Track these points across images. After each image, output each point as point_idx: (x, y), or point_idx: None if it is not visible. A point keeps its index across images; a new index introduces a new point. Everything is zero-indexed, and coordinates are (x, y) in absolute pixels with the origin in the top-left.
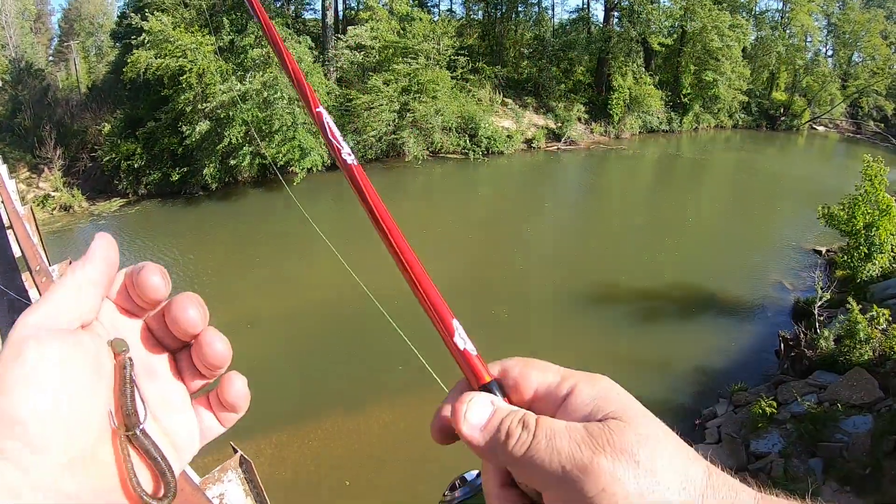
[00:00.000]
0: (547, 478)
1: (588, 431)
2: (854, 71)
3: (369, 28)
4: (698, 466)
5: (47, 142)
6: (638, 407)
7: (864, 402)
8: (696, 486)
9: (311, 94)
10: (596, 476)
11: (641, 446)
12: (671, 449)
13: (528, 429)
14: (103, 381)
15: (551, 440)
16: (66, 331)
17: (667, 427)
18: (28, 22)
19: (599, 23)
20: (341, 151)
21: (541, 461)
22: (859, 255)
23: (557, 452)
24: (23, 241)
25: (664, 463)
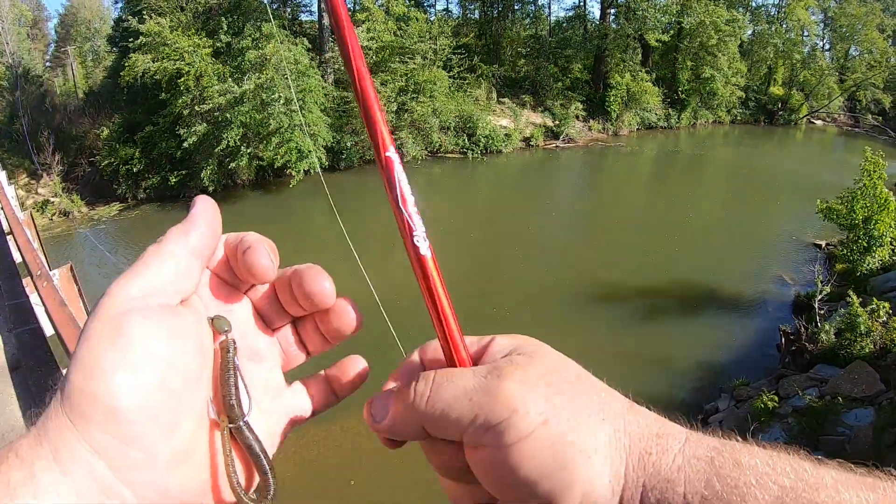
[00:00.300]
0: (456, 419)
1: (493, 366)
2: (851, 64)
3: (366, 29)
4: (616, 397)
5: (45, 147)
6: (551, 350)
7: (865, 396)
8: (615, 409)
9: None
10: (505, 398)
11: (551, 373)
12: (584, 378)
13: (427, 379)
14: (208, 365)
15: (450, 381)
16: (171, 306)
17: (584, 369)
18: (24, 28)
19: (596, 20)
20: (413, 233)
21: (445, 402)
22: (859, 248)
23: (462, 387)
24: (23, 247)
25: (577, 386)
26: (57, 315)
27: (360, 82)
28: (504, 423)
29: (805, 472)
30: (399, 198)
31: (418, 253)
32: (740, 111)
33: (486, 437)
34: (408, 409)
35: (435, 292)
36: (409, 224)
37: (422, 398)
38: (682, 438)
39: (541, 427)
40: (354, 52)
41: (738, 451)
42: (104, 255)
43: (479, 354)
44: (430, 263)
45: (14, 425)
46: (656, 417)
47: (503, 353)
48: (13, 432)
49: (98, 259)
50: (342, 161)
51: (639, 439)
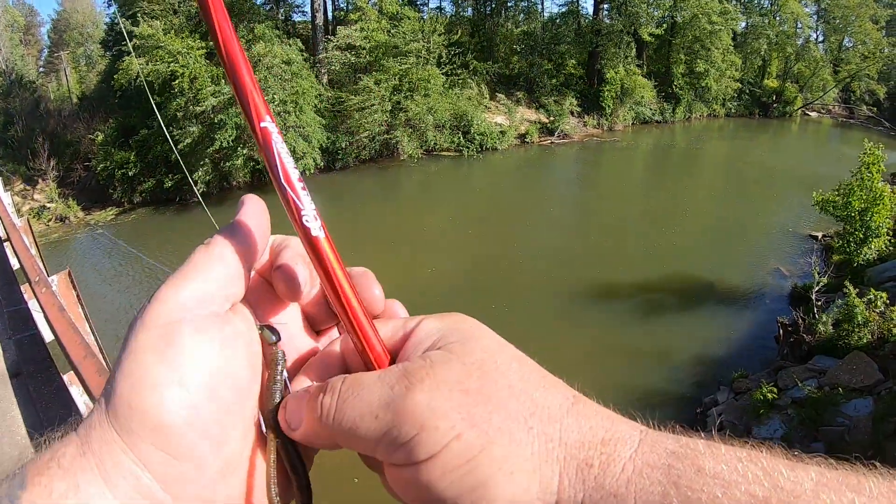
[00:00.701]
0: (365, 436)
1: (403, 370)
2: (845, 56)
3: (359, 28)
4: (558, 392)
5: (41, 153)
6: (483, 337)
7: (863, 386)
8: (551, 412)
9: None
10: (411, 414)
11: (469, 375)
12: (515, 374)
13: (334, 390)
14: (258, 376)
15: (357, 395)
16: (221, 314)
17: (522, 355)
18: (17, 34)
19: (589, 15)
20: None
21: (352, 420)
22: (855, 239)
23: (367, 403)
24: (21, 253)
25: (502, 388)
26: (57, 321)
27: (224, 44)
28: (412, 440)
29: (781, 477)
30: (281, 174)
31: (309, 235)
32: (735, 104)
33: (396, 456)
34: (316, 424)
35: (334, 276)
36: (294, 203)
37: (328, 414)
38: (633, 443)
39: (454, 443)
40: (216, 8)
41: (701, 455)
42: (102, 260)
43: (402, 342)
44: (325, 245)
45: (16, 431)
46: (606, 417)
47: (428, 341)
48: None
49: (96, 264)
50: (338, 161)
51: (577, 449)
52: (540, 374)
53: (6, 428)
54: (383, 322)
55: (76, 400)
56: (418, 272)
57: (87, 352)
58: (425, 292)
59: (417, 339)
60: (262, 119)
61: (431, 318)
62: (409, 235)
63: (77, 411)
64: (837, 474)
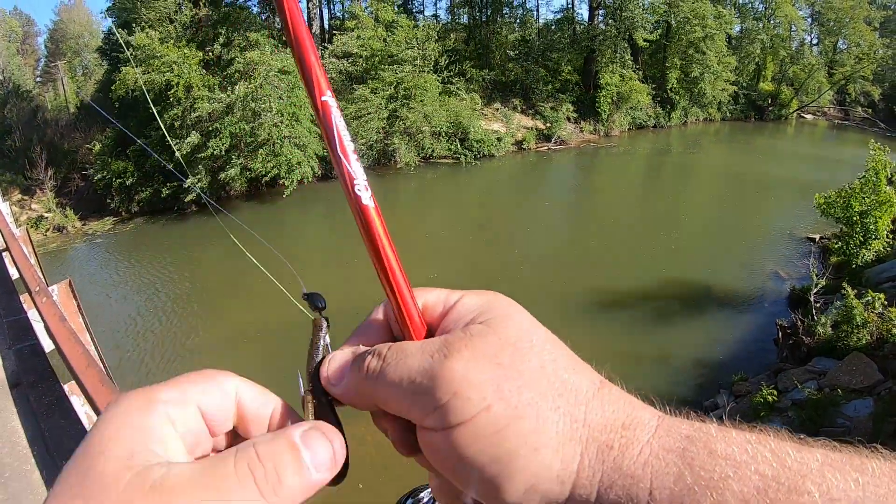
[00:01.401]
0: (402, 399)
1: (444, 341)
2: (840, 58)
3: (356, 36)
4: (585, 377)
5: (38, 163)
6: (519, 315)
7: (863, 386)
8: (578, 394)
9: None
10: (447, 380)
11: (503, 350)
12: (548, 355)
13: (380, 355)
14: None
15: (401, 359)
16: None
17: (554, 337)
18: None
19: (584, 22)
20: (354, 181)
21: (391, 382)
22: (855, 241)
23: (407, 368)
24: (20, 263)
25: (534, 366)
26: (58, 331)
27: (293, 24)
28: (445, 405)
29: (788, 458)
30: (338, 145)
31: (360, 203)
32: (731, 108)
33: (429, 420)
34: (360, 383)
35: (380, 244)
36: (349, 172)
37: (372, 375)
38: (651, 428)
39: (483, 413)
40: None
41: (714, 438)
42: (100, 270)
43: (443, 315)
44: (373, 213)
45: (16, 442)
46: (627, 402)
47: (468, 316)
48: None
49: (94, 274)
50: (334, 170)
51: (599, 431)
52: (571, 357)
53: (7, 438)
54: (427, 290)
55: (77, 410)
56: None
57: (89, 361)
58: None
59: (458, 314)
60: (323, 94)
61: (471, 293)
62: (407, 243)
63: (78, 421)
64: (842, 456)
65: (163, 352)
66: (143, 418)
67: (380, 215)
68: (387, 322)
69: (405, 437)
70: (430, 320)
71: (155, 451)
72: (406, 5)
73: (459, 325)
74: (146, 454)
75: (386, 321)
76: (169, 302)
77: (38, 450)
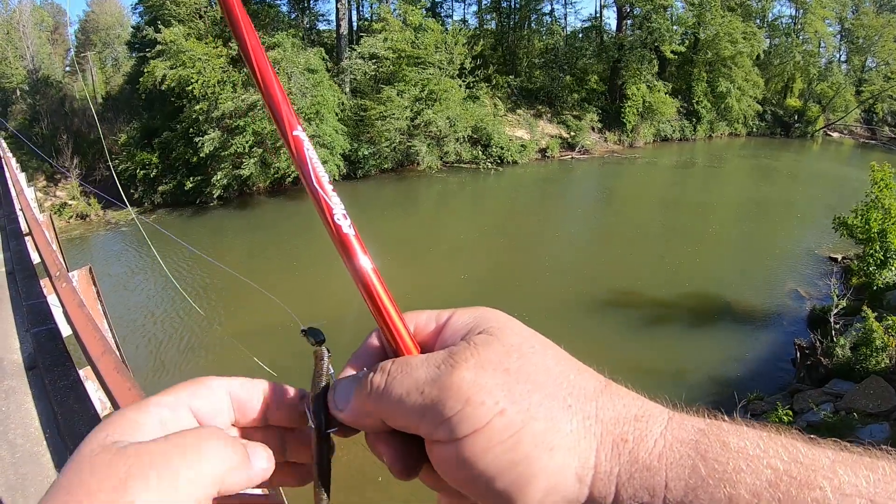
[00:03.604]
0: (409, 413)
1: (449, 352)
2: (868, 76)
3: (382, 38)
4: (591, 376)
5: (64, 151)
6: (516, 324)
7: (880, 411)
8: (586, 391)
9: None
10: (458, 389)
11: (512, 355)
12: (551, 359)
13: (384, 370)
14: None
15: (406, 372)
16: None
17: (552, 343)
18: (45, 33)
19: (612, 31)
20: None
21: (398, 396)
22: (874, 261)
23: (414, 380)
24: (42, 248)
25: (540, 369)
26: (76, 316)
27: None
28: (458, 415)
29: (799, 453)
30: (313, 177)
31: (340, 231)
32: (757, 123)
33: (440, 432)
34: (365, 400)
35: (364, 273)
36: (326, 203)
37: (377, 390)
38: (663, 420)
39: (497, 418)
40: (245, 27)
41: (726, 431)
42: (120, 258)
43: (436, 333)
44: (355, 242)
45: (29, 423)
46: (635, 397)
47: (463, 330)
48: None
49: (114, 262)
50: (360, 170)
51: (613, 425)
52: (573, 359)
53: (19, 420)
54: (418, 312)
55: (91, 395)
56: (437, 281)
57: (105, 348)
58: (446, 300)
59: (453, 329)
60: (293, 128)
61: (462, 309)
62: (427, 245)
63: (92, 406)
64: (853, 455)
65: (178, 343)
66: (133, 415)
67: (361, 242)
68: (382, 347)
69: (402, 459)
70: (423, 340)
71: (130, 438)
72: (434, 9)
73: (457, 338)
74: (120, 437)
75: (381, 346)
76: (187, 294)
77: (51, 433)
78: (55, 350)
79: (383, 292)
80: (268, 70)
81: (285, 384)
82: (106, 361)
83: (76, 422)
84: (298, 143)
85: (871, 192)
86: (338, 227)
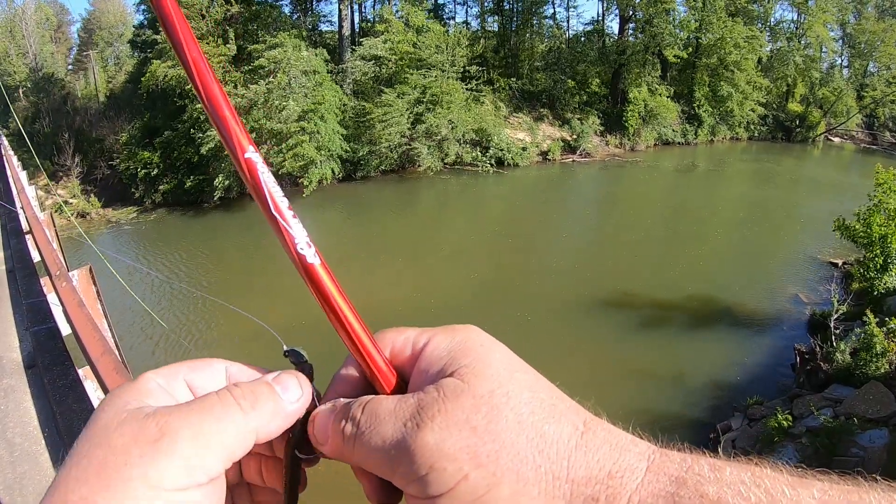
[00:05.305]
0: (381, 468)
1: (419, 404)
2: (870, 81)
3: (384, 39)
4: (568, 422)
5: (65, 149)
6: (495, 359)
7: (880, 416)
8: (559, 446)
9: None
10: (421, 455)
11: (478, 410)
12: (525, 406)
13: (354, 420)
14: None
15: (374, 427)
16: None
17: (533, 378)
18: (48, 31)
19: (615, 35)
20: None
21: (369, 451)
22: (875, 266)
23: (382, 439)
24: (42, 247)
25: (511, 424)
26: (76, 316)
27: (199, 75)
28: (424, 478)
29: (783, 498)
30: (271, 204)
31: (305, 262)
32: (758, 128)
33: (410, 488)
34: (342, 446)
35: (333, 302)
36: (287, 233)
37: (349, 441)
38: (640, 473)
39: (462, 483)
40: (187, 41)
41: (705, 479)
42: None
43: (413, 359)
44: (321, 271)
45: (27, 422)
46: (614, 446)
47: (439, 362)
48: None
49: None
50: (359, 171)
51: (584, 485)
52: (551, 401)
53: (18, 419)
54: (395, 333)
55: (90, 395)
56: (438, 282)
57: (104, 348)
58: (447, 302)
59: (428, 360)
60: (244, 150)
61: (441, 334)
62: (428, 247)
63: (91, 406)
64: (840, 490)
65: (177, 343)
66: (137, 384)
67: (328, 270)
68: (357, 379)
69: (378, 495)
70: (399, 364)
71: (148, 404)
72: (437, 12)
73: (432, 372)
74: (140, 404)
75: (357, 376)
76: (186, 293)
77: (49, 432)
78: (54, 349)
79: (355, 321)
80: (213, 86)
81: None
82: (105, 361)
83: (75, 421)
84: (252, 165)
85: (875, 195)
86: (301, 256)
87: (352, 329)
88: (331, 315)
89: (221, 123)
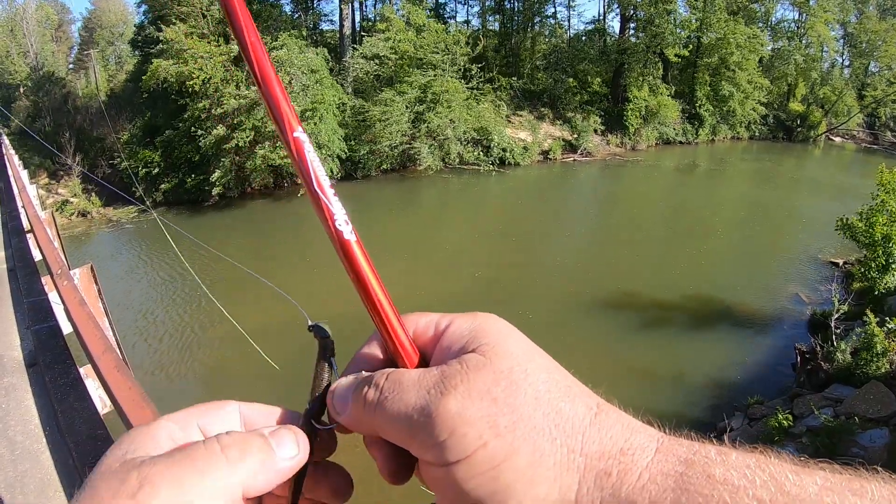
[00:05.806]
0: (400, 433)
1: (442, 374)
2: (871, 81)
3: (385, 38)
4: (582, 402)
5: (66, 148)
6: (513, 341)
7: (880, 416)
8: (574, 422)
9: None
10: (443, 419)
11: (498, 383)
12: (542, 384)
13: (378, 386)
14: None
15: (398, 393)
16: None
17: (549, 362)
18: (49, 30)
19: (616, 34)
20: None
21: (391, 416)
22: (877, 266)
23: (404, 404)
24: (44, 245)
25: (529, 398)
26: (77, 314)
27: (256, 59)
28: (444, 443)
29: (786, 482)
30: (314, 181)
31: (342, 237)
32: (759, 127)
33: (429, 455)
34: (360, 413)
35: (365, 279)
36: (327, 208)
37: (371, 407)
38: (650, 452)
39: (480, 450)
40: (246, 23)
41: (712, 462)
42: (122, 256)
43: (435, 339)
44: (356, 248)
45: (28, 421)
46: (626, 426)
47: (460, 343)
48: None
49: (116, 259)
50: (359, 170)
51: (597, 459)
52: (566, 383)
53: (19, 417)
54: (418, 316)
55: (91, 393)
56: (439, 282)
57: (106, 346)
58: (448, 302)
59: (450, 339)
60: (294, 129)
61: (463, 317)
62: (429, 246)
63: (92, 405)
64: (842, 478)
65: (178, 341)
66: (147, 430)
67: (362, 248)
68: (383, 349)
69: (393, 465)
70: (421, 344)
71: (149, 453)
72: (438, 11)
73: (454, 349)
74: (141, 452)
75: (382, 348)
76: (188, 292)
77: (50, 430)
78: (56, 347)
79: (384, 299)
80: (268, 69)
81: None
82: (107, 360)
83: (76, 420)
84: (299, 144)
85: (878, 195)
86: (339, 233)
87: (381, 305)
88: (361, 290)
89: (274, 104)
